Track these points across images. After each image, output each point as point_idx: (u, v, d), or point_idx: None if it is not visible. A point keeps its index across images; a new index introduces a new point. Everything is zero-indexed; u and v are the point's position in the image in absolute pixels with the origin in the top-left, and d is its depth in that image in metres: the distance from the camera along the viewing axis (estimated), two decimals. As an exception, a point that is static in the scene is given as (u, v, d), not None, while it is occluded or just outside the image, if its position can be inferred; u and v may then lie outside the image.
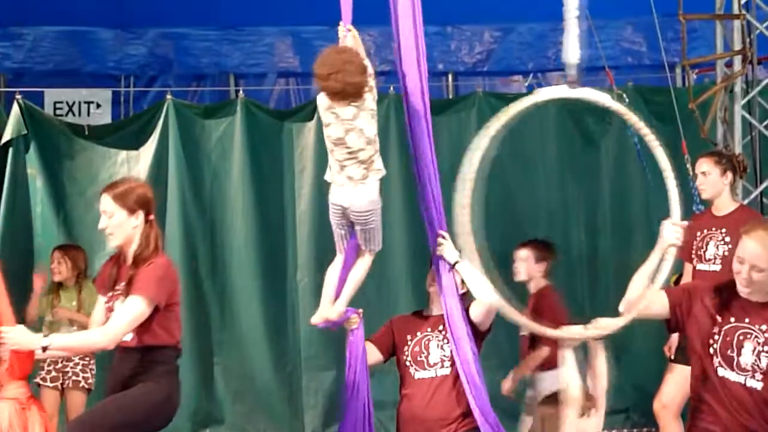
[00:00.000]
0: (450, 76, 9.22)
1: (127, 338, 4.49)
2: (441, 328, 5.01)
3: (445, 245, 4.88)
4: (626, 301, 4.23)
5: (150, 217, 4.63)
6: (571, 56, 4.37)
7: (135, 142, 8.25)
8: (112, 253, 4.75)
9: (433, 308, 5.12)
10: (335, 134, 4.68)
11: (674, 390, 6.36)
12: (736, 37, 7.74)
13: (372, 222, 4.81)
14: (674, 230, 4.17)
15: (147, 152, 8.22)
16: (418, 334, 5.05)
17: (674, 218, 4.20)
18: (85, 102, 8.90)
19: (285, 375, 8.24)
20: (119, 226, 4.57)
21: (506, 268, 6.20)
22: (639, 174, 7.93)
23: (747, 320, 4.17)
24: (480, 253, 4.11)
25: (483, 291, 4.75)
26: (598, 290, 8.31)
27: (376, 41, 8.77)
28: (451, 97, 9.10)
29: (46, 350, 4.32)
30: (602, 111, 5.60)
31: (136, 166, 8.21)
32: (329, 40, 8.64)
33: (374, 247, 4.93)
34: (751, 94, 7.86)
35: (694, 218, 6.61)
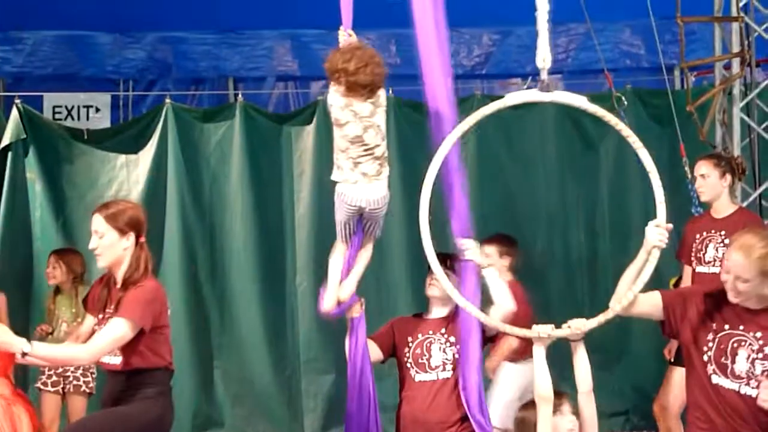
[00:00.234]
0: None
1: (116, 361, 4.53)
2: (443, 331, 5.01)
3: (474, 249, 4.85)
4: (613, 299, 4.26)
5: (141, 240, 4.64)
6: (542, 60, 4.40)
7: (134, 146, 8.25)
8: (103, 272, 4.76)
9: (434, 311, 5.12)
10: (353, 132, 4.70)
11: (674, 392, 6.37)
12: (735, 40, 7.74)
13: (382, 215, 4.87)
14: (658, 232, 4.19)
15: (146, 156, 8.22)
16: (420, 336, 5.04)
17: (659, 220, 4.21)
18: (84, 106, 8.89)
19: (284, 378, 8.24)
20: (109, 247, 4.58)
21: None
22: (638, 175, 7.92)
23: (741, 327, 4.16)
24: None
25: (505, 298, 4.80)
26: (598, 291, 8.31)
27: (374, 44, 8.73)
28: (449, 100, 9.10)
29: (25, 356, 4.30)
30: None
31: (135, 170, 8.21)
32: (328, 43, 8.66)
33: (378, 234, 4.99)
34: (749, 97, 7.86)
35: (693, 221, 6.63)
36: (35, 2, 8.07)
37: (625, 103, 7.28)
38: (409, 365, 5.03)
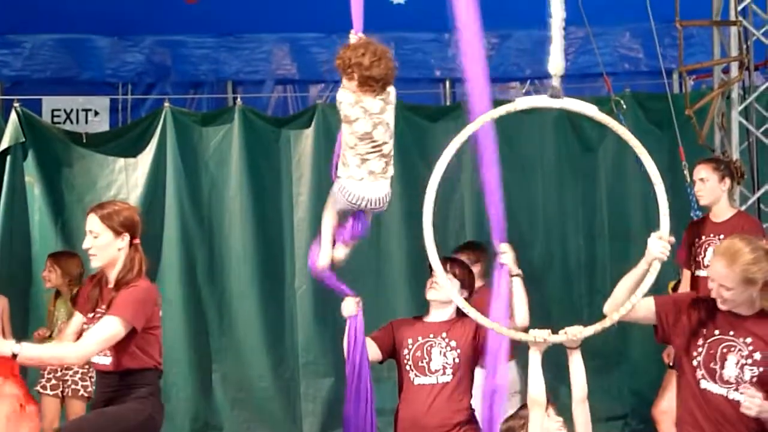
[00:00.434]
0: (447, 83, 9.22)
1: (106, 361, 4.53)
2: (444, 335, 5.00)
3: (508, 254, 4.81)
4: (609, 304, 4.24)
5: (135, 241, 4.63)
6: (556, 67, 4.39)
7: (133, 150, 8.25)
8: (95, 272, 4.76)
9: (434, 314, 5.11)
10: (362, 129, 4.72)
11: (672, 396, 6.36)
12: (733, 44, 7.74)
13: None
14: (661, 245, 4.15)
15: (145, 159, 8.21)
16: (420, 338, 5.03)
17: (662, 232, 4.18)
18: (82, 110, 8.89)
19: (283, 382, 8.24)
20: (104, 247, 4.56)
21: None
22: (637, 179, 7.93)
23: (732, 333, 4.17)
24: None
25: (522, 311, 4.79)
26: (596, 295, 8.30)
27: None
28: (448, 103, 9.11)
29: (15, 357, 4.29)
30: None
31: (134, 174, 8.21)
32: (327, 47, 8.76)
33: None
34: (748, 100, 7.86)
35: (692, 225, 6.62)
36: (34, 6, 8.07)
37: (624, 106, 7.29)
38: (408, 368, 5.01)
